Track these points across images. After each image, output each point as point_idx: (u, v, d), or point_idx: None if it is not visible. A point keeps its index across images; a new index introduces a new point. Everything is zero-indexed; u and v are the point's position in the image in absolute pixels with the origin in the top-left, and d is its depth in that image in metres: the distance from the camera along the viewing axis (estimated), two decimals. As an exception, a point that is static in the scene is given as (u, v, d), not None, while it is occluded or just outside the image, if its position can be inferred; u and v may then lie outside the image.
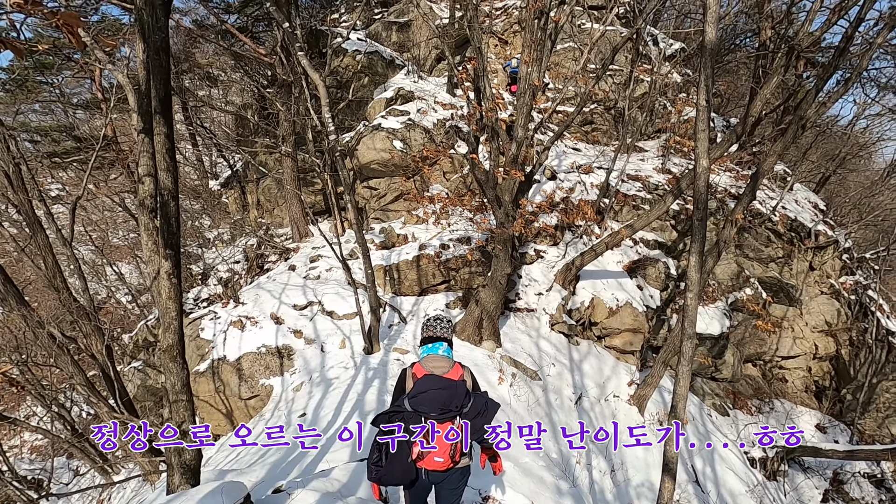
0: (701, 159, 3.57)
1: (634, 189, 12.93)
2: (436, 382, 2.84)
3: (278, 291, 9.75)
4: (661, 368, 9.40)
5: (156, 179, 2.97)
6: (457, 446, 2.84)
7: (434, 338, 3.07)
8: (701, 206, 3.78)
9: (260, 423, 7.42)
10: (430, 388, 2.80)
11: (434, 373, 2.91)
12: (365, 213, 13.10)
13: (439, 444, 2.79)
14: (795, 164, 15.02)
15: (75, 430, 10.65)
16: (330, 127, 6.94)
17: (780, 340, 14.08)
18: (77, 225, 20.17)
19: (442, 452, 2.80)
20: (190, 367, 8.86)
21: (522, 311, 10.16)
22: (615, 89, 14.83)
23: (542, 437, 7.03)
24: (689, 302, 4.02)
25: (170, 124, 2.96)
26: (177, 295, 3.06)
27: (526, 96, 7.06)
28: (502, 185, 7.77)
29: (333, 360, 8.14)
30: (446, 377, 2.89)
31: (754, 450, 10.90)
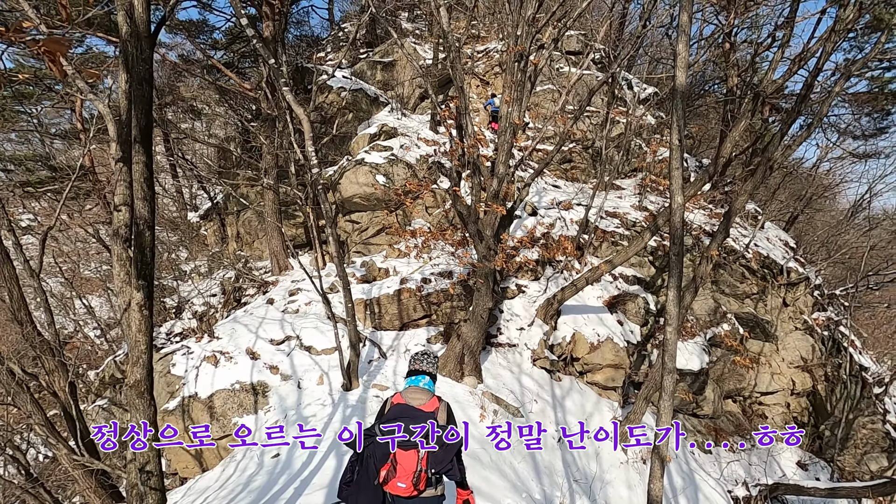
0: (675, 196, 3.67)
1: (613, 225, 13.19)
2: (405, 412, 3.03)
3: (255, 325, 9.51)
4: (644, 405, 9.34)
5: (132, 209, 2.90)
6: (420, 475, 2.93)
7: (418, 371, 3.30)
8: (677, 241, 3.85)
9: (231, 465, 7.08)
10: (400, 416, 3.00)
11: (410, 403, 3.10)
12: (347, 246, 13.03)
13: (401, 470, 2.92)
14: (765, 203, 15.58)
15: (30, 475, 10.00)
16: (313, 160, 6.96)
17: (759, 376, 14.20)
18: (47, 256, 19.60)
19: (404, 478, 2.91)
20: (159, 404, 8.49)
21: (504, 346, 10.08)
22: (593, 130, 15.33)
23: (524, 478, 6.85)
24: (668, 336, 4.03)
25: (149, 154, 2.92)
26: (147, 328, 2.94)
27: (507, 134, 7.22)
28: (484, 219, 7.83)
29: (310, 397, 7.89)
30: (418, 408, 3.06)
31: (738, 488, 10.79)
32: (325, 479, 5.57)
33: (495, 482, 6.10)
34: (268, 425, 7.66)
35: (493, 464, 6.55)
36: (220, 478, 6.72)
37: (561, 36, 7.86)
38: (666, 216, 9.31)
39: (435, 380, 3.31)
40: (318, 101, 14.11)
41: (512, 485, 6.36)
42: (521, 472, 6.90)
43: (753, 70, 13.02)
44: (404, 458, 2.93)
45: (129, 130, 2.92)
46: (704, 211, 15.01)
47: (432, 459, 2.96)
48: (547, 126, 9.20)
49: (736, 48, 14.61)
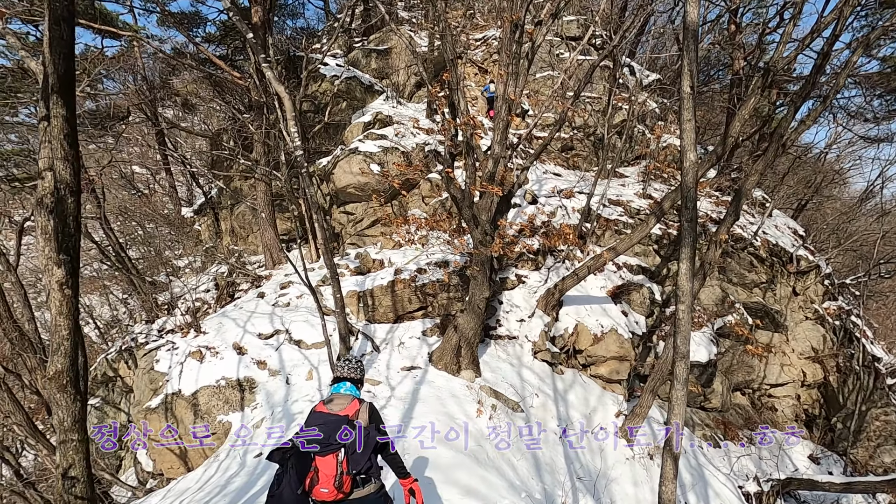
0: (688, 153, 3.19)
1: (616, 214, 12.67)
2: (319, 419, 3.04)
3: (243, 320, 9.07)
4: (650, 397, 8.85)
5: (52, 171, 2.45)
6: (342, 477, 2.93)
7: (340, 378, 3.30)
8: (690, 204, 3.37)
9: (213, 464, 6.64)
10: (315, 424, 3.01)
11: (330, 409, 3.10)
12: (341, 238, 12.57)
13: (322, 476, 2.92)
14: (774, 189, 15.01)
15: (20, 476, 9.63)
16: (296, 142, 6.50)
17: (768, 368, 13.67)
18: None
19: (326, 484, 2.91)
20: (141, 402, 8.07)
21: (503, 338, 9.60)
22: (594, 116, 14.79)
23: (525, 477, 6.38)
24: (680, 316, 3.55)
25: (71, 108, 2.47)
26: (70, 310, 2.49)
27: (502, 111, 6.73)
28: (479, 203, 7.35)
29: (298, 393, 7.44)
30: (333, 413, 3.05)
31: (749, 484, 10.29)
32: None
33: (493, 482, 5.65)
34: (253, 422, 7.23)
35: (490, 462, 6.09)
36: (200, 478, 6.29)
37: (560, 10, 7.34)
38: (673, 199, 8.80)
39: (359, 384, 3.33)
40: (311, 89, 13.64)
41: (510, 484, 5.90)
42: (521, 471, 6.44)
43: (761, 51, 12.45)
44: (324, 464, 2.93)
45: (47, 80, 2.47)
46: (710, 198, 14.45)
47: (351, 460, 2.96)
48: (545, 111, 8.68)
49: (741, 30, 14.04)
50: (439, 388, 7.46)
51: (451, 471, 5.40)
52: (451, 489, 4.98)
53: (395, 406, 6.84)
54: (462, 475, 5.37)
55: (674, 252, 12.86)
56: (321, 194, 13.03)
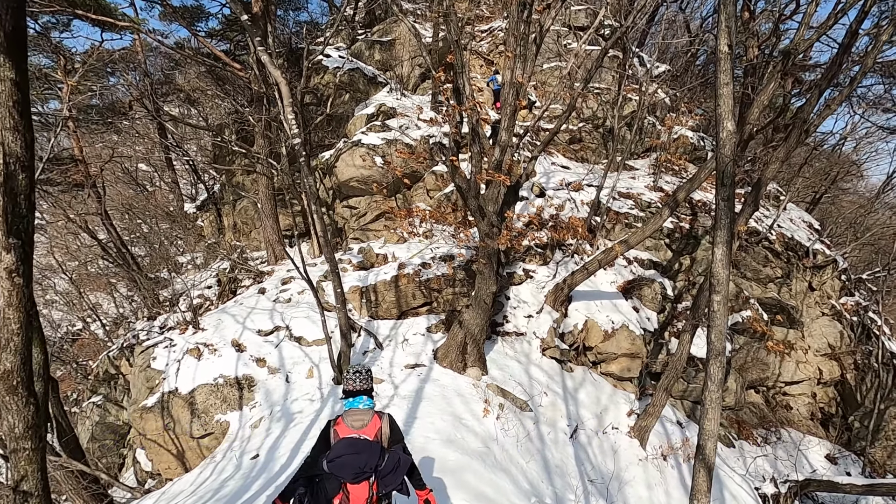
0: (725, 122, 2.83)
1: (626, 207, 12.26)
2: (351, 447, 2.91)
3: (243, 316, 8.79)
4: (664, 396, 8.48)
5: (1, 144, 2.14)
6: (373, 499, 2.95)
7: (354, 392, 3.11)
8: (727, 180, 3.00)
9: (209, 466, 6.35)
10: (346, 454, 2.89)
11: (353, 429, 3.00)
12: (344, 233, 12.27)
13: (354, 499, 2.90)
14: (790, 181, 14.53)
15: None
16: (293, 129, 6.18)
17: (783, 365, 13.22)
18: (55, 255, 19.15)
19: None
20: (137, 401, 7.81)
21: (511, 334, 9.26)
22: (603, 107, 14.37)
23: (534, 480, 6.04)
24: (715, 307, 3.19)
25: (22, 70, 2.16)
26: (22, 301, 2.19)
27: (510, 96, 6.37)
28: (486, 194, 7.00)
29: (298, 392, 7.15)
30: (363, 439, 2.96)
31: (766, 485, 9.89)
32: (304, 484, 4.82)
33: (502, 485, 5.32)
34: (252, 422, 6.93)
35: (498, 464, 5.76)
36: (195, 481, 6.01)
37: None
38: (686, 190, 8.42)
39: (371, 394, 3.19)
40: (314, 82, 13.33)
41: (520, 488, 5.57)
42: (530, 473, 6.10)
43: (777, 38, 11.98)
44: (356, 490, 2.91)
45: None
46: (723, 191, 14.01)
47: (382, 483, 2.96)
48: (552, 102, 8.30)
49: (755, 17, 13.56)
50: (444, 386, 7.14)
51: (458, 474, 5.07)
52: (459, 493, 4.66)
53: (398, 405, 6.52)
54: (470, 478, 5.04)
55: (686, 246, 12.46)
56: (324, 189, 12.73)
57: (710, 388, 3.13)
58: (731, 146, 2.86)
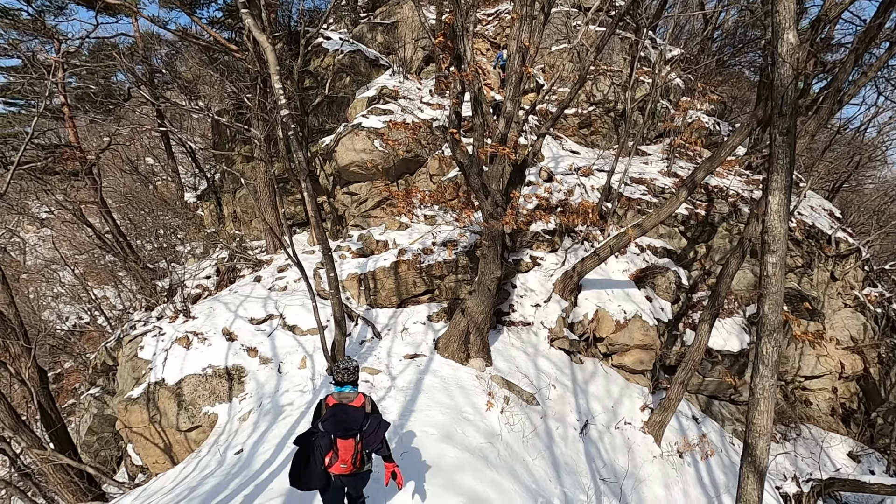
0: (785, 33, 2.27)
1: (639, 192, 11.64)
2: (341, 411, 3.50)
3: (236, 304, 8.34)
4: (680, 390, 7.91)
5: None
6: (358, 456, 3.51)
7: (343, 382, 3.62)
8: (787, 108, 2.45)
9: (193, 461, 5.91)
10: (337, 414, 3.48)
11: (342, 402, 3.56)
12: (344, 220, 11.78)
13: (342, 454, 3.47)
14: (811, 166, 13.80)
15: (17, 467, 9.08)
16: (281, 99, 5.67)
17: (803, 358, 12.56)
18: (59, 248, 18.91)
19: (346, 461, 3.47)
20: (123, 391, 7.39)
21: (517, 324, 8.72)
22: (614, 90, 13.72)
23: (541, 479, 5.52)
24: (770, 271, 2.65)
25: None
26: None
27: (516, 61, 5.81)
28: (489, 170, 6.46)
29: (290, 383, 6.68)
30: (350, 405, 3.54)
31: (787, 484, 9.29)
32: (286, 482, 4.34)
33: (505, 486, 4.81)
34: (241, 415, 6.48)
35: (502, 462, 5.24)
36: (176, 477, 5.56)
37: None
38: (707, 168, 7.80)
39: (357, 384, 3.69)
40: (314, 65, 12.82)
41: (526, 488, 5.06)
42: (537, 472, 5.57)
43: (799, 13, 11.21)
44: (344, 445, 3.47)
45: None
46: (740, 177, 13.31)
47: (366, 442, 3.51)
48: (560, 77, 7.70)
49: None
50: (445, 377, 6.63)
51: (455, 473, 4.56)
52: (453, 497, 4.15)
53: (394, 397, 6.03)
54: (468, 479, 4.53)
55: (701, 234, 11.82)
56: (324, 175, 12.24)
57: (762, 374, 2.60)
58: (793, 62, 2.31)
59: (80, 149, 12.70)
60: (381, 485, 4.04)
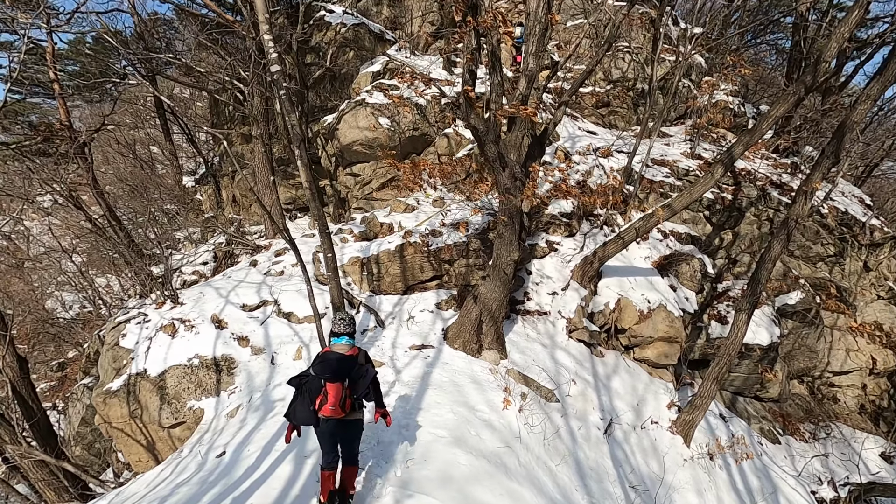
0: None
1: (661, 175, 10.81)
2: (331, 356, 3.76)
3: (227, 289, 7.62)
4: (713, 386, 7.14)
5: None
6: (346, 401, 3.67)
7: (340, 333, 3.85)
8: None
9: (174, 462, 5.21)
10: (326, 359, 3.74)
11: (336, 350, 3.79)
12: (347, 203, 11.03)
13: (331, 398, 3.64)
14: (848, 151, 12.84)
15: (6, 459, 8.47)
16: (271, 54, 4.90)
17: (832, 353, 11.72)
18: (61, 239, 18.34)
19: (333, 403, 3.63)
20: (102, 383, 6.70)
21: (532, 314, 7.96)
22: (634, 68, 12.83)
23: (566, 487, 4.78)
24: None
25: None
26: None
27: (538, 10, 5.00)
28: (507, 139, 5.67)
29: (284, 376, 5.96)
30: (343, 354, 3.76)
31: (823, 489, 8.53)
32: (269, 495, 3.62)
33: (527, 499, 4.08)
34: (228, 410, 5.77)
35: (522, 469, 4.50)
36: (152, 481, 4.87)
37: None
38: (746, 142, 6.96)
39: (353, 336, 3.89)
40: (316, 39, 12.01)
41: (550, 500, 4.33)
42: (561, 479, 4.84)
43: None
44: (332, 389, 3.64)
45: None
46: (767, 161, 12.42)
47: (353, 388, 3.70)
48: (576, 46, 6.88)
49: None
50: (456, 371, 5.89)
51: (469, 485, 3.83)
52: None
53: (399, 393, 5.30)
54: (484, 492, 3.80)
55: (728, 220, 10.97)
56: (326, 156, 11.48)
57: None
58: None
59: (71, 127, 12.00)
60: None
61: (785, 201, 11.24)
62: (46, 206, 23.36)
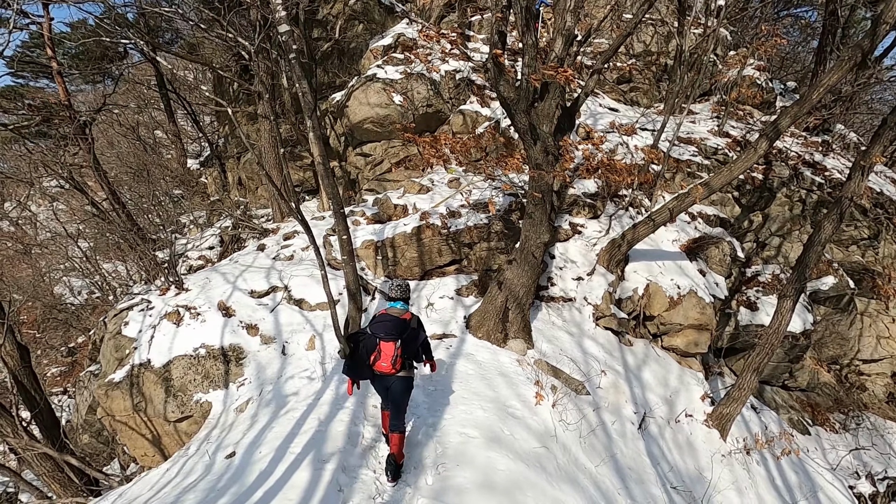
0: None
1: (688, 153, 10.19)
2: (386, 317, 4.01)
3: (235, 275, 7.15)
4: (753, 378, 6.64)
5: None
6: (397, 359, 3.93)
7: (395, 298, 4.16)
8: None
9: (180, 461, 4.79)
10: (382, 320, 3.99)
11: (390, 313, 4.06)
12: (358, 185, 10.49)
13: (384, 355, 3.90)
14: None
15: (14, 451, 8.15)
16: (279, 12, 4.34)
17: (862, 340, 11.16)
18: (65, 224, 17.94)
19: (386, 360, 3.90)
20: (105, 374, 6.29)
21: (557, 300, 7.45)
22: (658, 42, 12.10)
23: (608, 491, 4.32)
24: None
25: None
26: None
27: (580, -41, 4.39)
28: (539, 108, 5.10)
29: (296, 367, 5.51)
30: (396, 316, 4.02)
31: (861, 483, 8.07)
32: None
33: (567, 502, 3.63)
34: (238, 405, 5.34)
35: (563, 473, 4.03)
36: (157, 483, 4.46)
37: None
38: (792, 115, 6.35)
39: (408, 302, 4.23)
40: (323, 13, 11.35)
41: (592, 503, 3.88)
42: (602, 482, 4.38)
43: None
44: (386, 347, 3.91)
45: None
46: (797, 138, 11.75)
47: (405, 348, 3.98)
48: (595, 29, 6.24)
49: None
50: (482, 363, 5.41)
51: (513, 494, 3.37)
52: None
53: (422, 388, 4.84)
54: (528, 502, 3.33)
55: (758, 201, 10.36)
56: (335, 136, 10.91)
57: None
58: None
59: (71, 106, 11.47)
60: None
61: (818, 181, 10.61)
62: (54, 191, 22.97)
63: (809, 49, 16.20)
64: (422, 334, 4.12)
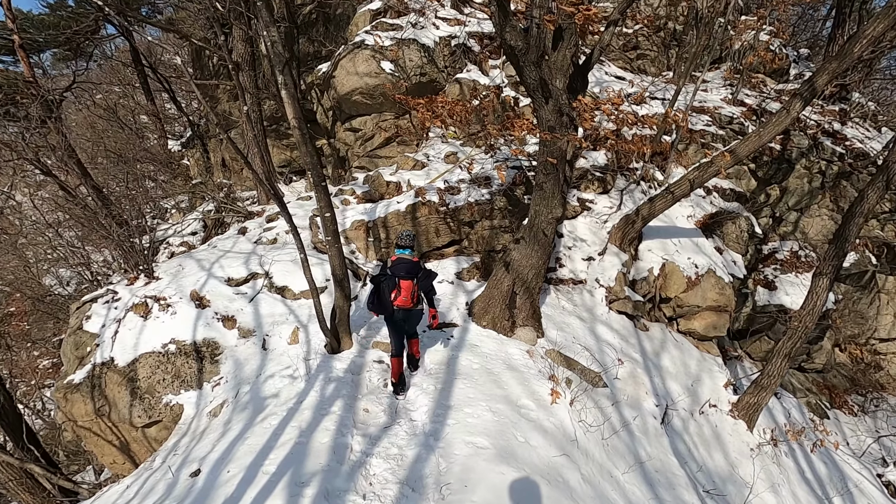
0: None
1: (702, 123, 9.43)
2: (402, 261, 4.59)
3: (211, 261, 6.41)
4: (784, 364, 6.02)
5: None
6: (414, 294, 4.52)
7: (404, 246, 4.69)
8: None
9: (142, 476, 4.12)
10: (399, 263, 4.56)
11: (402, 258, 4.64)
12: (347, 162, 9.71)
13: (403, 292, 4.47)
14: None
15: None
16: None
17: (879, 318, 10.58)
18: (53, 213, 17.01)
19: (405, 296, 4.46)
20: (65, 374, 5.58)
21: (566, 282, 6.76)
22: (666, 5, 11.23)
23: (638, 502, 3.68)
24: None
25: None
26: None
27: None
28: (552, 60, 4.32)
29: (277, 364, 4.82)
30: (409, 259, 4.61)
31: (890, 471, 7.53)
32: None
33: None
34: (211, 408, 4.65)
35: (588, 487, 3.38)
36: (115, 502, 3.78)
37: None
38: (832, 70, 5.61)
39: (414, 249, 4.84)
40: (305, -23, 10.38)
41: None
42: (632, 493, 3.74)
43: None
44: (405, 284, 4.47)
45: None
46: (813, 107, 10.99)
47: (421, 284, 4.59)
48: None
49: None
50: (488, 355, 4.74)
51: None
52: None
53: (421, 386, 4.18)
54: None
55: (776, 173, 9.66)
56: (322, 110, 10.08)
57: None
58: None
59: (36, 83, 10.55)
60: None
61: (839, 151, 9.90)
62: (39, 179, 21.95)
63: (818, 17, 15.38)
64: (432, 273, 4.70)
